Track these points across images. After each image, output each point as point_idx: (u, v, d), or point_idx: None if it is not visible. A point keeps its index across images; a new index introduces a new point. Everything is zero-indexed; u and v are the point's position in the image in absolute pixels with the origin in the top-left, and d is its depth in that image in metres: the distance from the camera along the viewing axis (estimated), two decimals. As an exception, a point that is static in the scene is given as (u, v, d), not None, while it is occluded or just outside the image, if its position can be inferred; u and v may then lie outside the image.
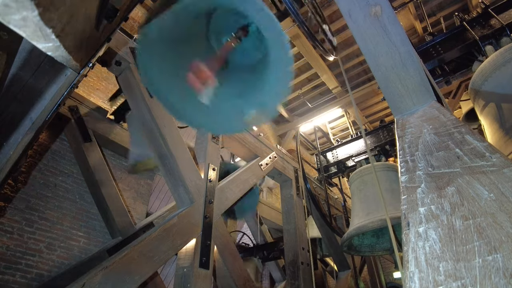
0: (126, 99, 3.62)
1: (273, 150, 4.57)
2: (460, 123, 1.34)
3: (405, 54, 1.49)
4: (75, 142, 3.95)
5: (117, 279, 2.07)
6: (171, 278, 7.91)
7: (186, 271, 2.57)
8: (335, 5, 8.02)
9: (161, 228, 2.48)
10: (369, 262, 6.62)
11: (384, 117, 11.21)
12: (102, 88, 7.72)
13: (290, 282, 3.92)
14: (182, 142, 3.02)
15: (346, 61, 10.22)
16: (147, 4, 8.31)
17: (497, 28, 3.58)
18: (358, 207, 3.52)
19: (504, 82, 3.02)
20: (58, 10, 0.76)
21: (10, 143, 1.68)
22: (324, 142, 10.55)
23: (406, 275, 0.94)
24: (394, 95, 1.59)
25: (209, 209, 2.95)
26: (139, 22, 8.32)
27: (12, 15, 0.69)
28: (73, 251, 3.75)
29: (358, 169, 4.07)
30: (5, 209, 3.30)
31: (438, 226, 1.01)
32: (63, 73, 1.61)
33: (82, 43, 1.02)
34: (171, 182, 2.91)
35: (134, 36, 3.13)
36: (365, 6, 1.47)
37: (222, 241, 3.20)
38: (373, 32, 1.50)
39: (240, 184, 3.61)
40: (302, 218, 4.51)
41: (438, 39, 4.01)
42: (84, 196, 4.07)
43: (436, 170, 1.19)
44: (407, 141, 1.40)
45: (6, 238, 3.24)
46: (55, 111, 1.71)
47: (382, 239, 3.70)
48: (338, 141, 5.10)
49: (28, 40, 0.77)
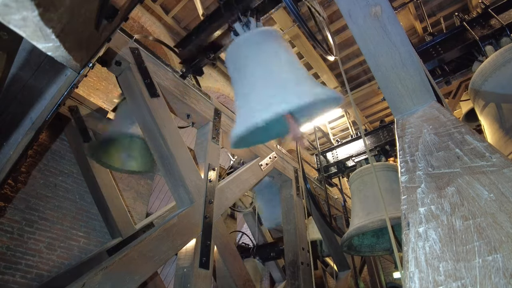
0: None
1: (273, 150, 4.57)
2: (460, 123, 1.34)
3: (405, 54, 1.49)
4: (75, 142, 3.96)
5: (117, 279, 2.07)
6: (171, 278, 7.91)
7: (186, 271, 2.57)
8: (335, 5, 8.02)
9: (161, 228, 2.48)
10: (369, 262, 6.62)
11: (384, 117, 11.21)
12: (102, 88, 7.72)
13: (290, 282, 3.92)
14: (182, 142, 3.02)
15: (346, 61, 10.22)
16: (147, 4, 8.32)
17: (497, 28, 3.58)
18: (358, 207, 3.52)
19: (504, 82, 3.02)
20: (58, 10, 0.77)
21: (10, 143, 1.68)
22: (324, 142, 10.55)
23: (406, 275, 0.94)
24: (394, 95, 1.59)
25: (209, 209, 2.95)
26: (139, 22, 8.33)
27: (12, 15, 0.69)
28: (73, 251, 3.75)
29: (358, 169, 4.07)
30: (5, 209, 3.30)
31: (438, 226, 1.01)
32: (63, 73, 1.61)
33: (82, 43, 1.02)
34: (171, 182, 2.91)
35: (134, 36, 3.13)
36: (365, 6, 1.47)
37: (222, 241, 3.20)
38: (373, 32, 1.50)
39: (240, 184, 3.62)
40: (302, 218, 4.51)
41: (438, 39, 4.01)
42: (84, 196, 4.07)
43: (436, 170, 1.19)
44: (407, 141, 1.40)
45: (6, 238, 3.24)
46: (55, 111, 1.71)
47: (382, 239, 3.70)
48: (338, 141, 5.10)
49: (28, 40, 0.77)
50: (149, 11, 8.50)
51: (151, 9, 8.46)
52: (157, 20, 8.74)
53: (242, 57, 2.07)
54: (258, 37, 2.11)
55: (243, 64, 2.03)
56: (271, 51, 2.01)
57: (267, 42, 2.06)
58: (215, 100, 3.87)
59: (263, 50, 2.02)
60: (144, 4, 8.21)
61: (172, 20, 8.95)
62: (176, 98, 3.29)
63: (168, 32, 8.99)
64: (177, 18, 9.07)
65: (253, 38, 2.12)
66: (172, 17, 8.92)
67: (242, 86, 1.96)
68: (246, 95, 1.88)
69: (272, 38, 2.10)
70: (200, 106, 3.55)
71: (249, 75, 1.94)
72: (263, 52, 2.01)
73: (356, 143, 4.82)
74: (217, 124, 3.66)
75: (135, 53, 3.02)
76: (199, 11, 3.43)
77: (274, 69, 1.90)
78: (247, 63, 2.00)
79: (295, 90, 1.71)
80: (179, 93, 3.33)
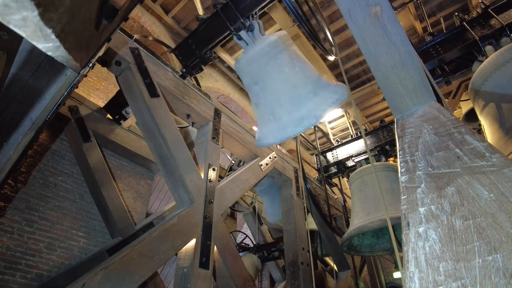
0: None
1: (273, 150, 4.57)
2: (460, 123, 1.34)
3: (405, 54, 1.49)
4: (75, 142, 3.95)
5: (117, 279, 2.07)
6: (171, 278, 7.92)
7: (186, 271, 2.57)
8: (335, 5, 8.02)
9: (161, 228, 2.48)
10: (369, 262, 6.62)
11: (384, 117, 11.21)
12: (102, 88, 7.72)
13: (290, 282, 3.92)
14: (182, 142, 3.02)
15: (346, 61, 10.22)
16: (147, 4, 8.32)
17: (497, 28, 3.58)
18: (358, 207, 3.52)
19: (504, 82, 3.02)
20: (58, 10, 0.76)
21: (10, 143, 1.68)
22: (324, 142, 10.55)
23: (406, 275, 0.94)
24: (394, 95, 1.59)
25: (209, 209, 2.95)
26: (139, 22, 8.33)
27: (12, 15, 0.69)
28: (73, 251, 3.75)
29: (358, 169, 4.07)
30: (5, 209, 3.30)
31: (438, 226, 1.01)
32: (63, 73, 1.61)
33: (82, 43, 1.02)
34: (171, 182, 2.91)
35: (134, 36, 3.13)
36: (365, 6, 1.47)
37: (222, 241, 3.20)
38: (373, 32, 1.50)
39: (240, 184, 3.62)
40: (302, 218, 4.51)
41: (438, 39, 4.01)
42: (84, 196, 4.06)
43: (436, 170, 1.19)
44: (407, 141, 1.40)
45: (6, 238, 3.24)
46: (55, 111, 1.71)
47: (382, 239, 3.70)
48: (338, 141, 5.10)
49: (28, 40, 0.77)
50: (149, 11, 8.50)
51: (151, 9, 8.46)
52: (157, 20, 8.74)
53: (260, 69, 2.17)
54: (273, 48, 2.17)
55: (261, 77, 2.16)
56: (287, 61, 2.13)
57: (282, 52, 2.15)
58: (215, 100, 3.87)
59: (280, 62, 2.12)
60: (144, 4, 8.21)
61: (172, 20, 8.95)
62: (176, 98, 3.29)
63: (168, 32, 8.99)
64: (177, 18, 9.07)
65: (268, 50, 2.18)
66: (172, 17, 8.92)
67: (265, 98, 2.13)
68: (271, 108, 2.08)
69: (284, 46, 2.19)
70: (200, 106, 3.55)
71: (270, 88, 2.11)
72: (280, 64, 2.11)
73: (356, 143, 4.81)
74: (217, 124, 3.66)
75: (135, 53, 3.02)
76: (199, 11, 3.43)
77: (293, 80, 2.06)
78: (266, 76, 2.14)
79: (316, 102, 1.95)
80: (179, 93, 3.33)
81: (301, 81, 2.04)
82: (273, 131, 2.02)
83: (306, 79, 2.05)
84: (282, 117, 1.99)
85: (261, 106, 2.15)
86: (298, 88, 2.02)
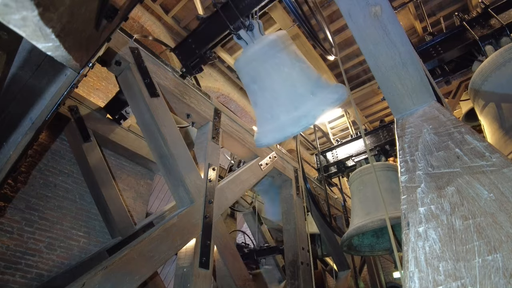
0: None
1: (273, 150, 4.57)
2: (460, 123, 1.34)
3: (405, 54, 1.49)
4: (75, 142, 3.95)
5: (117, 279, 2.07)
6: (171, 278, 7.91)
7: (186, 271, 2.57)
8: (335, 5, 8.02)
9: (161, 228, 2.48)
10: (369, 262, 6.62)
11: (384, 117, 11.21)
12: (102, 88, 7.72)
13: (290, 282, 3.92)
14: (182, 142, 3.02)
15: (346, 61, 10.21)
16: (147, 4, 8.32)
17: (497, 28, 3.57)
18: (358, 207, 3.52)
19: (504, 82, 3.02)
20: (58, 10, 0.76)
21: (10, 143, 1.68)
22: (324, 142, 10.55)
23: (406, 275, 0.94)
24: (394, 95, 1.59)
25: (209, 209, 2.95)
26: (139, 22, 8.32)
27: (12, 15, 0.69)
28: (73, 251, 3.75)
29: (358, 169, 4.07)
30: (5, 209, 3.30)
31: (438, 226, 1.01)
32: (63, 73, 1.61)
33: (82, 43, 1.02)
34: (171, 182, 2.91)
35: (134, 36, 3.12)
36: (365, 6, 1.47)
37: (222, 241, 3.20)
38: (373, 32, 1.50)
39: (240, 184, 3.62)
40: (302, 218, 4.51)
41: (438, 39, 4.01)
42: (84, 196, 4.06)
43: (436, 170, 1.19)
44: (407, 141, 1.40)
45: (6, 238, 3.24)
46: (55, 111, 1.71)
47: (382, 239, 3.70)
48: (338, 141, 5.10)
49: (28, 40, 0.77)
50: (149, 11, 8.50)
51: (151, 9, 8.46)
52: (157, 20, 8.74)
53: (259, 68, 2.16)
54: (272, 48, 2.17)
55: (260, 76, 2.15)
56: (287, 61, 2.13)
57: (282, 52, 2.15)
58: (215, 100, 3.87)
59: (279, 61, 2.12)
60: (144, 4, 8.21)
61: (172, 20, 8.95)
62: (176, 97, 3.29)
63: (168, 32, 8.99)
64: (177, 18, 9.07)
65: (267, 49, 2.18)
66: (172, 17, 8.91)
67: (263, 98, 2.13)
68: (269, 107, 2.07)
69: (284, 45, 2.18)
70: (200, 106, 3.55)
71: (269, 87, 2.10)
72: (280, 63, 2.11)
73: (356, 143, 4.81)
74: (217, 124, 3.66)
75: (135, 53, 3.01)
76: (199, 10, 3.43)
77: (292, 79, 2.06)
78: (265, 76, 2.13)
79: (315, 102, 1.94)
80: (179, 92, 3.33)
81: (300, 81, 2.04)
82: (272, 131, 2.01)
83: (306, 78, 2.04)
84: (281, 116, 1.98)
85: (260, 105, 2.14)
86: (297, 87, 2.01)
